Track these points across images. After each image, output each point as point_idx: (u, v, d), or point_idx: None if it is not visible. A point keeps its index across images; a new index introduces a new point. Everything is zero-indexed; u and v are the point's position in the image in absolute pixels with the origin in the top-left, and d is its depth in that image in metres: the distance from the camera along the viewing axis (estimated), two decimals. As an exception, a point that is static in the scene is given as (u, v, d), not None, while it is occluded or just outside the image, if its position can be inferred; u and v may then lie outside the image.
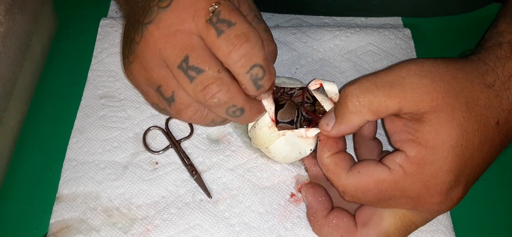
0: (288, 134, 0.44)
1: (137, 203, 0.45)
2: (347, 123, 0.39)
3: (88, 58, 0.55)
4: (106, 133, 0.49)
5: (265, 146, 0.45)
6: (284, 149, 0.44)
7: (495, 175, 0.46)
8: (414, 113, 0.37)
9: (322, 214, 0.42)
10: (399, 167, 0.37)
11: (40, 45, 0.55)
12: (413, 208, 0.39)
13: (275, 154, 0.45)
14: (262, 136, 0.44)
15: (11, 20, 0.47)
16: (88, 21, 0.59)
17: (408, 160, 0.37)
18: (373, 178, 0.38)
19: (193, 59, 0.37)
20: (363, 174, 0.38)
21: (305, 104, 0.45)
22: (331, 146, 0.41)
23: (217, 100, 0.38)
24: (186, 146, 0.49)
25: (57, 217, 0.44)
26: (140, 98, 0.52)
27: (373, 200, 0.38)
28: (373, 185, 0.38)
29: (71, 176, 0.46)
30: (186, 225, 0.44)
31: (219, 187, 0.46)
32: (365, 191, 0.38)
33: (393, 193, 0.38)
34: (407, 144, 0.37)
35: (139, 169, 0.47)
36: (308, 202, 0.43)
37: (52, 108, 0.53)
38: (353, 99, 0.38)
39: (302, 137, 0.44)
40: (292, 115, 0.44)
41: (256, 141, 0.45)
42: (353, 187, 0.39)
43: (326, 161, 0.41)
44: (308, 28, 0.58)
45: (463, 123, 0.36)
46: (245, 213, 0.45)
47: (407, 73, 0.37)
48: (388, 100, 0.37)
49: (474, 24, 0.61)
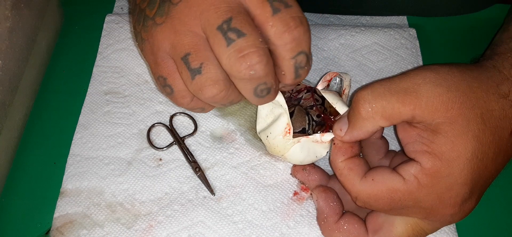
0: (303, 140, 0.43)
1: (141, 199, 0.45)
2: (359, 129, 0.39)
3: (93, 54, 0.55)
4: (111, 128, 0.50)
5: (280, 154, 0.44)
6: (300, 155, 0.44)
7: (498, 176, 0.46)
8: (428, 124, 0.36)
9: (334, 219, 0.41)
10: (414, 178, 0.37)
11: (46, 40, 0.55)
12: (425, 218, 0.39)
13: (291, 160, 0.45)
14: (277, 145, 0.44)
15: (17, 15, 0.47)
16: (93, 17, 0.59)
17: (423, 172, 0.36)
18: (387, 186, 0.37)
19: (236, 22, 0.35)
20: (377, 182, 0.38)
21: (314, 107, 0.44)
22: (346, 151, 0.40)
23: (254, 73, 0.36)
24: (190, 143, 0.49)
25: (61, 212, 0.44)
26: (144, 95, 0.52)
27: (385, 207, 0.38)
28: (387, 194, 0.37)
29: (75, 171, 0.47)
30: (189, 221, 0.44)
31: (222, 184, 0.46)
32: (378, 199, 0.38)
33: (406, 203, 0.37)
34: (422, 155, 0.36)
35: (143, 165, 0.47)
36: (319, 206, 0.42)
37: (57, 103, 0.53)
38: (365, 105, 0.37)
39: (317, 142, 0.43)
40: (303, 123, 0.44)
41: (271, 150, 0.45)
42: (366, 194, 0.38)
43: (340, 166, 0.40)
44: (313, 27, 0.58)
45: (479, 135, 0.36)
46: (248, 210, 0.45)
47: (423, 81, 0.36)
48: (402, 107, 0.36)
49: (478, 24, 0.61)
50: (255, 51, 0.35)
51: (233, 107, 0.51)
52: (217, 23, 0.36)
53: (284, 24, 0.36)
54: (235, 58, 0.35)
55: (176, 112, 0.51)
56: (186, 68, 0.38)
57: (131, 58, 0.55)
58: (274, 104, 0.44)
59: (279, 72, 0.39)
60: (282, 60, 0.37)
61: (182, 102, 0.41)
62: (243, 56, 0.35)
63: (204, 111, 0.44)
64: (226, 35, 0.35)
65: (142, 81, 0.53)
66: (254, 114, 0.50)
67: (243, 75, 0.36)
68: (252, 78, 0.36)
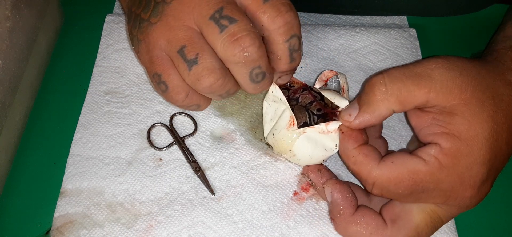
0: (309, 130, 0.42)
1: (141, 199, 0.45)
2: (372, 112, 0.38)
3: (94, 54, 0.55)
4: (111, 128, 0.50)
5: (288, 148, 0.43)
6: (307, 148, 0.43)
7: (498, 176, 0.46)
8: (442, 107, 0.37)
9: (350, 211, 0.40)
10: (434, 159, 0.36)
11: (46, 40, 0.55)
12: (444, 202, 0.38)
13: (300, 156, 0.44)
14: (282, 139, 0.43)
15: (17, 15, 0.47)
16: (93, 17, 0.59)
17: (443, 152, 0.36)
18: (407, 168, 0.37)
19: (227, 10, 0.38)
20: (398, 165, 0.37)
21: (314, 102, 0.44)
22: (357, 138, 0.39)
23: (248, 55, 0.38)
24: (190, 143, 0.49)
25: (61, 212, 0.44)
26: (145, 95, 0.52)
27: (405, 192, 0.37)
28: (408, 176, 0.37)
29: (75, 171, 0.47)
30: (189, 221, 0.44)
31: (222, 184, 0.46)
32: (398, 182, 0.37)
33: (427, 185, 0.37)
34: (440, 136, 0.37)
35: (143, 165, 0.47)
36: (334, 199, 0.41)
37: (57, 103, 0.53)
38: (381, 87, 0.37)
39: (323, 133, 0.42)
40: (303, 118, 0.43)
41: (278, 147, 0.45)
42: (386, 179, 0.37)
43: (353, 153, 0.39)
44: (313, 27, 0.58)
45: (494, 116, 0.36)
46: (248, 210, 0.45)
47: (435, 66, 0.37)
48: (417, 90, 0.36)
49: (478, 24, 0.61)
50: (247, 34, 0.37)
51: (233, 107, 0.51)
52: (209, 13, 0.38)
53: (276, 9, 0.38)
54: (229, 43, 0.37)
55: (176, 112, 0.51)
56: (183, 60, 0.39)
57: (131, 58, 0.55)
58: (276, 105, 0.44)
59: (274, 58, 0.40)
60: (276, 45, 0.39)
61: (177, 99, 0.42)
62: (236, 40, 0.37)
63: (200, 109, 0.45)
64: (219, 23, 0.38)
65: (142, 81, 0.53)
66: (254, 115, 0.50)
67: (238, 59, 0.38)
68: (246, 61, 0.38)
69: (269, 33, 0.39)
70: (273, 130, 0.44)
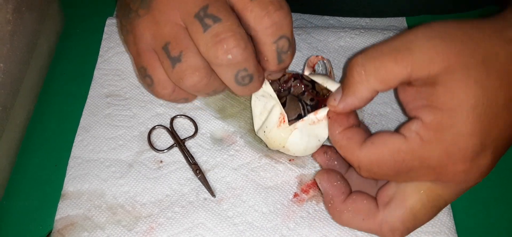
0: (299, 125, 0.42)
1: (142, 201, 0.45)
2: (353, 95, 0.36)
3: (94, 57, 0.55)
4: (112, 131, 0.50)
5: (281, 145, 0.44)
6: (301, 142, 0.43)
7: (497, 175, 0.46)
8: (425, 78, 0.34)
9: (340, 199, 0.39)
10: (415, 135, 0.34)
11: (47, 43, 0.56)
12: (436, 179, 0.36)
13: (295, 150, 0.44)
14: (274, 138, 0.43)
15: (18, 19, 0.48)
16: (94, 20, 0.59)
17: (424, 127, 0.34)
18: (388, 148, 0.35)
19: (212, 8, 0.36)
20: (377, 145, 0.36)
21: (306, 92, 0.43)
22: (341, 121, 0.38)
23: (231, 58, 0.36)
24: (190, 145, 0.49)
25: (62, 214, 0.44)
26: (145, 97, 0.52)
27: (390, 173, 0.36)
28: (389, 156, 0.35)
29: (77, 173, 0.47)
30: (189, 223, 0.44)
31: (222, 186, 0.46)
32: (381, 163, 0.36)
33: (411, 164, 0.35)
34: (422, 110, 0.34)
35: (143, 167, 0.47)
36: (323, 189, 0.41)
37: (58, 106, 0.53)
38: (358, 68, 0.35)
39: (314, 123, 0.41)
40: (297, 110, 0.43)
41: (271, 145, 0.45)
42: (368, 160, 0.36)
43: (338, 137, 0.38)
44: (313, 29, 0.58)
45: (482, 81, 0.33)
46: (248, 212, 0.45)
47: (414, 37, 0.34)
48: (395, 66, 0.34)
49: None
50: (232, 35, 0.35)
51: (234, 109, 0.51)
52: (194, 11, 0.36)
53: (263, 8, 0.36)
54: (211, 44, 0.36)
55: (176, 114, 0.51)
56: (167, 56, 0.38)
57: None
58: (265, 99, 0.44)
59: (262, 59, 0.39)
60: (263, 46, 0.37)
61: (163, 94, 0.41)
62: (219, 41, 0.35)
63: (188, 102, 0.44)
64: (203, 22, 0.36)
65: (143, 84, 0.54)
66: (254, 117, 0.51)
67: (221, 61, 0.36)
68: (230, 64, 0.36)
69: (256, 33, 0.37)
70: (263, 127, 0.44)
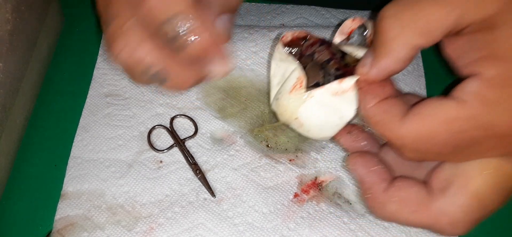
0: (317, 93, 0.33)
1: (141, 201, 0.45)
2: (388, 55, 0.29)
3: (94, 57, 0.55)
4: (111, 131, 0.50)
5: (293, 116, 0.35)
6: (317, 115, 0.34)
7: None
8: (479, 22, 0.27)
9: (381, 187, 0.31)
10: (474, 96, 0.27)
11: (47, 43, 0.56)
12: (506, 153, 0.29)
13: (309, 126, 0.35)
14: (285, 105, 0.35)
15: (18, 18, 0.47)
16: (94, 20, 0.59)
17: (486, 84, 0.27)
18: (439, 118, 0.28)
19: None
20: (425, 116, 0.28)
21: (332, 60, 0.35)
22: (375, 91, 0.30)
23: (121, 62, 0.30)
24: (190, 145, 0.49)
25: (61, 214, 0.44)
26: (145, 97, 0.52)
27: (444, 150, 0.29)
28: (442, 129, 0.28)
29: (76, 173, 0.47)
30: (189, 223, 0.44)
31: (222, 186, 0.46)
32: (431, 139, 0.28)
33: (472, 134, 0.27)
34: (479, 63, 0.27)
35: (143, 168, 0.47)
36: (359, 177, 0.33)
37: (58, 106, 0.53)
38: (390, 21, 0.28)
39: (337, 94, 0.33)
40: (316, 78, 0.35)
41: (281, 114, 0.36)
42: (413, 137, 0.28)
43: (371, 112, 0.30)
44: (313, 28, 0.58)
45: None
46: (248, 212, 0.45)
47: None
48: (439, 11, 0.27)
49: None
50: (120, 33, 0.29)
51: (233, 109, 0.51)
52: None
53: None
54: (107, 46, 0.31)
55: (176, 114, 0.51)
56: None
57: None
58: (286, 65, 0.36)
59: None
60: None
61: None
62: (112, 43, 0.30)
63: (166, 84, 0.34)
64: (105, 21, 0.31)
65: (143, 84, 0.53)
66: (254, 117, 0.50)
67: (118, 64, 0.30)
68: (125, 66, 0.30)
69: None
70: (278, 94, 0.36)
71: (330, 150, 0.48)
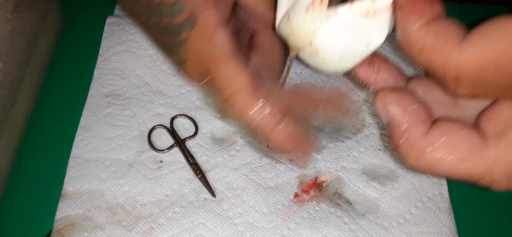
0: (343, 12, 0.26)
1: (142, 201, 0.45)
2: None
3: (94, 57, 0.55)
4: (111, 131, 0.50)
5: (308, 41, 0.28)
6: (339, 40, 0.27)
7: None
8: None
9: (420, 130, 0.25)
10: None
11: (47, 43, 0.56)
12: None
13: (327, 53, 0.28)
14: (299, 27, 0.28)
15: (18, 18, 0.47)
16: (94, 20, 0.59)
17: None
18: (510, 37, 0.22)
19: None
20: (496, 37, 0.22)
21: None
22: (422, 10, 0.24)
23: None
24: (190, 145, 0.49)
25: (62, 214, 0.44)
26: (145, 97, 0.52)
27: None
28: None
29: (76, 173, 0.47)
30: (190, 223, 0.44)
31: (223, 186, 0.46)
32: (501, 66, 0.22)
33: None
34: None
35: (143, 167, 0.47)
36: (391, 118, 0.26)
37: (58, 106, 0.53)
38: None
39: (368, 15, 0.26)
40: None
41: (294, 38, 0.29)
42: (478, 65, 0.22)
43: (418, 35, 0.24)
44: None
45: None
46: (248, 212, 0.45)
47: None
48: None
49: (467, 17, 0.62)
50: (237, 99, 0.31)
51: (234, 109, 0.51)
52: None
53: None
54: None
55: (176, 114, 0.51)
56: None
57: (132, 60, 0.55)
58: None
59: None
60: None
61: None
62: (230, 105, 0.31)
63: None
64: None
65: (143, 84, 0.53)
66: (254, 116, 0.50)
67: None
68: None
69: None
70: (289, 12, 0.28)
71: (330, 150, 0.48)
